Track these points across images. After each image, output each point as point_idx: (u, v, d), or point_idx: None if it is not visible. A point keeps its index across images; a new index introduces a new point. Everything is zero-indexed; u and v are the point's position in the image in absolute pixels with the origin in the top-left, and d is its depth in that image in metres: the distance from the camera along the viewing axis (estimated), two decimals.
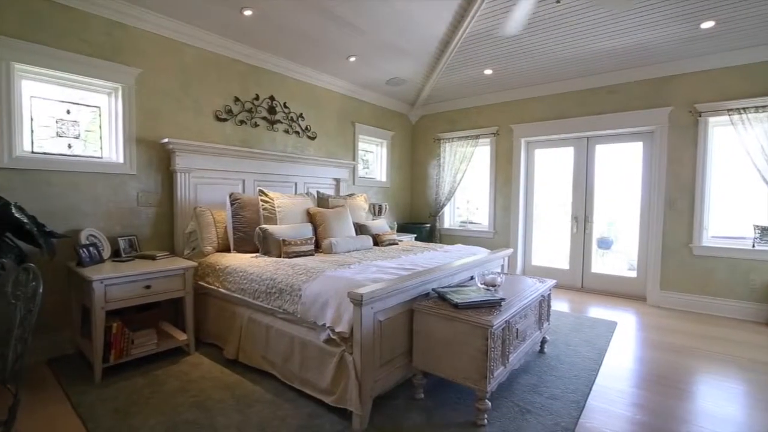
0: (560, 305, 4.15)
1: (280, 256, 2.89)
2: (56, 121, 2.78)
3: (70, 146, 2.84)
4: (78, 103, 2.88)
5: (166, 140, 3.11)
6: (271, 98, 4.09)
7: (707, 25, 3.22)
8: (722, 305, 3.89)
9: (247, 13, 3.10)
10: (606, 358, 2.79)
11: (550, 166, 5.18)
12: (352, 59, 4.11)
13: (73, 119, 2.86)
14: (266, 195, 3.31)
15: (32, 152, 2.66)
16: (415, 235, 5.36)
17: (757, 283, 3.73)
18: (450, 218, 6.04)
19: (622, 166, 4.64)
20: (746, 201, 3.87)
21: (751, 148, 3.63)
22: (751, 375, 2.56)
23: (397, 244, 3.91)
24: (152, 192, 3.19)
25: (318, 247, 3.30)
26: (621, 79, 4.36)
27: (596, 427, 1.96)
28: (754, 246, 3.74)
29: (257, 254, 3.02)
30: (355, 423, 1.88)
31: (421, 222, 5.99)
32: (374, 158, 5.78)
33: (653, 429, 1.95)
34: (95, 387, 2.28)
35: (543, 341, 2.86)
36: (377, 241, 3.79)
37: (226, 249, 3.20)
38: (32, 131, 2.66)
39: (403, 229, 5.73)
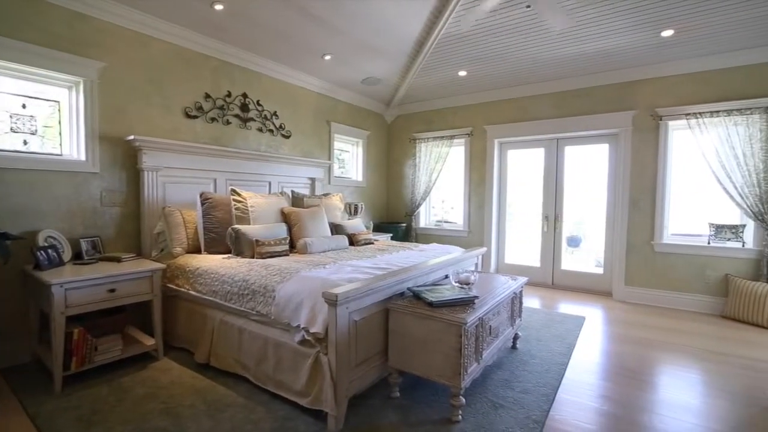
0: (532, 302, 4.27)
1: (253, 257, 2.83)
2: (10, 116, 2.61)
3: (26, 143, 2.68)
4: (35, 97, 2.72)
5: (132, 137, 2.98)
6: (244, 95, 4.00)
7: (667, 33, 3.39)
8: (681, 299, 4.10)
9: (218, 7, 3.01)
10: (575, 353, 2.89)
11: (522, 167, 5.31)
12: (327, 57, 4.07)
13: (29, 114, 2.70)
14: (239, 194, 3.24)
15: None
16: (391, 235, 5.38)
17: (711, 278, 3.96)
18: (426, 217, 6.09)
19: (590, 167, 4.81)
20: (702, 200, 4.11)
21: (707, 151, 3.85)
22: (707, 365, 2.72)
23: (372, 243, 3.91)
24: (117, 191, 3.05)
25: (293, 248, 3.26)
26: (589, 83, 4.53)
27: (565, 419, 2.03)
28: (709, 243, 3.97)
29: (229, 255, 2.95)
30: (330, 424, 1.87)
31: (397, 221, 6.01)
32: (350, 158, 5.76)
33: (619, 419, 2.04)
34: (55, 397, 2.16)
35: (515, 337, 2.93)
36: (353, 241, 3.78)
37: (196, 250, 3.10)
38: None
39: (379, 228, 5.73)
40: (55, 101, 2.82)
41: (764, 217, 3.61)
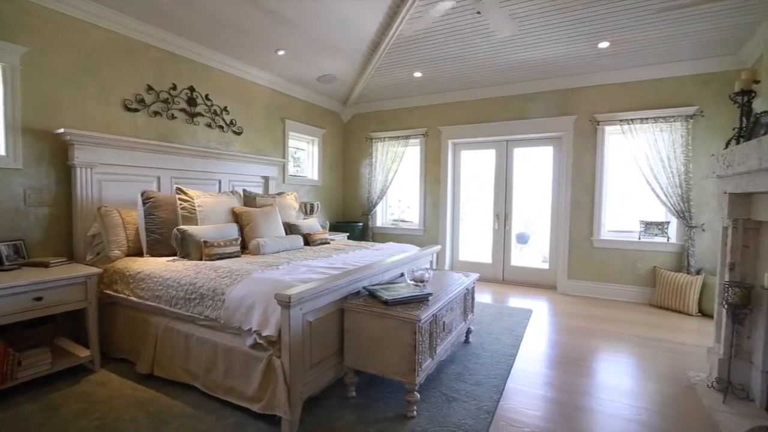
0: (484, 297, 4.43)
1: (201, 259, 2.70)
2: None
3: None
4: None
5: (62, 131, 2.73)
6: (191, 89, 3.79)
7: (603, 45, 3.66)
8: (617, 290, 4.45)
9: None
10: (523, 344, 3.04)
11: (475, 167, 5.50)
12: (281, 53, 3.97)
13: None
14: (185, 193, 3.07)
15: None
16: (348, 234, 5.35)
17: (641, 270, 4.34)
18: (382, 217, 6.13)
19: (537, 168, 5.08)
20: (634, 200, 4.49)
21: (637, 154, 4.20)
22: (639, 349, 2.97)
23: (328, 243, 3.86)
24: (44, 190, 2.78)
25: (245, 249, 3.15)
26: (535, 89, 4.78)
27: (514, 407, 2.13)
28: (639, 238, 4.34)
29: (175, 258, 2.78)
30: (284, 428, 1.83)
31: (353, 221, 6.00)
32: (306, 156, 5.65)
33: (562, 404, 2.18)
34: None
35: (468, 331, 3.03)
36: (308, 241, 3.72)
37: (137, 253, 2.90)
38: None
39: (335, 228, 5.68)
40: None
41: (685, 215, 4.01)
